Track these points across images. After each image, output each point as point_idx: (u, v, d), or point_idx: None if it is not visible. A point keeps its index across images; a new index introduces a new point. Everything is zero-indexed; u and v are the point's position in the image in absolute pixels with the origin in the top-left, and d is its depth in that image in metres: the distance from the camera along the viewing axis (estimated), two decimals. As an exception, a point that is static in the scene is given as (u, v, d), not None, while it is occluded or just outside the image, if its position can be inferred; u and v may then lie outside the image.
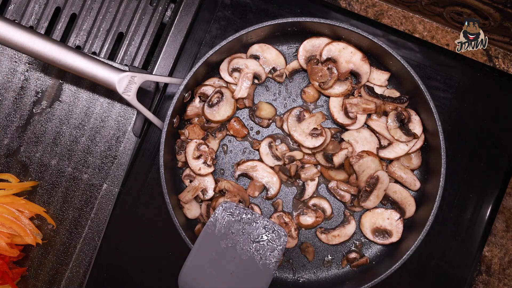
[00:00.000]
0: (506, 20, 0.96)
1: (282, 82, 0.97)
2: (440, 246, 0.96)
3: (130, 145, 1.00)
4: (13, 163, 0.99)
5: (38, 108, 1.00)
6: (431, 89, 0.96)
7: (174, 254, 0.96)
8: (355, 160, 0.92)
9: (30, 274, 0.96)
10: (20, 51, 0.84)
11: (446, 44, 1.06)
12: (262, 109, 0.95)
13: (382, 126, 0.93)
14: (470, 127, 0.98)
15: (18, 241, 0.92)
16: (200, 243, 0.77)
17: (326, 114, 0.96)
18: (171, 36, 0.99)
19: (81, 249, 0.97)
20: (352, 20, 0.99)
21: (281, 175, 0.94)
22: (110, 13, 1.03)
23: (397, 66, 0.91)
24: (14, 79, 1.00)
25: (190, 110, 0.94)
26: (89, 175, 0.99)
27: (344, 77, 0.94)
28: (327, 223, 0.95)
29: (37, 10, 1.03)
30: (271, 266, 0.77)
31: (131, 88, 0.87)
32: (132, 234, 0.96)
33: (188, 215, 0.93)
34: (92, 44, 1.03)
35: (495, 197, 0.97)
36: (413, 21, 1.07)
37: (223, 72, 0.95)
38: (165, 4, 1.04)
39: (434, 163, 0.90)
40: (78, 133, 1.00)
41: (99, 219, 0.98)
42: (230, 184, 0.92)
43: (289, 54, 0.98)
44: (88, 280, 0.95)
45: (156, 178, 0.97)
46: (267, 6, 1.00)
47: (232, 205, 0.80)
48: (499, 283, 1.03)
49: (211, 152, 0.93)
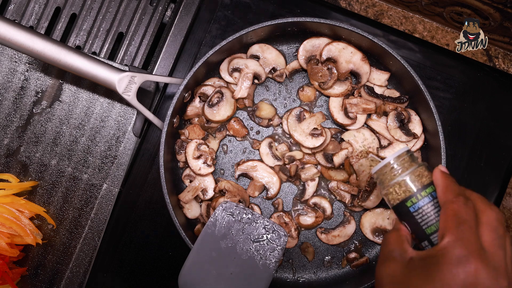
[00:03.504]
0: (506, 20, 0.96)
1: (282, 82, 0.97)
2: (440, 246, 0.96)
3: (130, 145, 1.00)
4: (13, 163, 0.99)
5: (38, 108, 1.00)
6: (431, 89, 0.96)
7: (174, 254, 0.96)
8: (355, 160, 0.92)
9: (30, 274, 0.96)
10: (20, 51, 0.84)
11: (446, 44, 1.06)
12: (262, 109, 0.95)
13: (382, 126, 0.93)
14: (470, 127, 0.98)
15: (18, 241, 0.92)
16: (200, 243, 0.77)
17: (326, 114, 0.96)
18: (171, 36, 0.99)
19: (81, 249, 0.97)
20: (352, 20, 0.99)
21: (281, 175, 0.94)
22: (110, 13, 1.03)
23: (397, 66, 0.91)
24: (14, 79, 1.00)
25: (190, 110, 0.94)
26: (89, 175, 0.99)
27: (344, 77, 0.94)
28: (327, 223, 0.95)
29: (37, 10, 1.03)
30: (271, 266, 0.77)
31: (131, 88, 0.87)
32: (132, 234, 0.96)
33: (188, 215, 0.93)
34: (92, 44, 1.03)
35: (495, 197, 0.97)
36: (413, 21, 1.07)
37: (223, 72, 0.96)
38: (165, 4, 1.04)
39: (434, 163, 0.90)
40: (78, 133, 1.00)
41: (99, 219, 0.98)
42: (230, 184, 0.92)
43: (289, 54, 0.98)
44: (88, 280, 0.95)
45: (156, 178, 0.97)
46: (267, 6, 1.00)
47: (232, 205, 0.80)
48: (499, 283, 1.03)
49: (211, 152, 0.93)
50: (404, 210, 0.64)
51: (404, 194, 0.64)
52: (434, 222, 0.62)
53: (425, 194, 0.63)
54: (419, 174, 0.64)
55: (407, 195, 0.64)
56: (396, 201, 0.65)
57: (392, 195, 0.65)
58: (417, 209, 0.63)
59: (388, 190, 0.65)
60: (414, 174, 0.64)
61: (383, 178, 0.66)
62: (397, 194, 0.64)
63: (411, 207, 0.63)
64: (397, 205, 0.65)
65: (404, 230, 0.64)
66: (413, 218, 0.63)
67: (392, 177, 0.65)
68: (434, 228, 0.62)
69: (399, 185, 0.64)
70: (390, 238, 0.64)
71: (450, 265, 0.54)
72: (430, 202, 0.62)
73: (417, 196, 0.63)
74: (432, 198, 0.63)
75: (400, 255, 0.60)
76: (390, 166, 0.65)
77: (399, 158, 0.65)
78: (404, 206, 0.64)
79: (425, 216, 0.62)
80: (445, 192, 0.60)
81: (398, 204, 0.65)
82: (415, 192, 0.63)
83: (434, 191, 0.63)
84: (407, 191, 0.64)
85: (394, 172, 0.65)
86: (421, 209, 0.63)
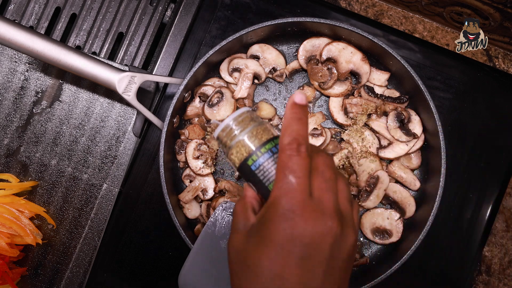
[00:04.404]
0: (506, 20, 0.96)
1: (282, 82, 0.97)
2: (440, 246, 0.96)
3: (130, 145, 1.00)
4: (13, 163, 0.99)
5: (38, 108, 1.00)
6: (431, 89, 0.96)
7: (174, 254, 0.96)
8: (355, 160, 0.92)
9: (30, 274, 0.96)
10: (20, 51, 0.84)
11: (446, 44, 1.06)
12: (262, 109, 0.95)
13: (382, 126, 0.93)
14: (470, 127, 0.98)
15: (18, 241, 0.92)
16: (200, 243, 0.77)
17: (326, 114, 0.96)
18: (171, 36, 0.99)
19: (81, 249, 0.97)
20: (352, 20, 0.99)
21: (281, 175, 0.94)
22: (110, 13, 1.03)
23: (397, 66, 0.91)
24: (14, 79, 1.00)
25: (190, 110, 0.94)
26: (89, 175, 0.99)
27: (344, 77, 0.94)
28: (327, 223, 0.95)
29: (37, 10, 1.03)
30: (271, 266, 0.76)
31: (131, 88, 0.87)
32: (132, 234, 0.96)
33: (188, 215, 0.93)
34: (92, 44, 1.03)
35: (495, 197, 0.97)
36: (413, 21, 1.07)
37: (223, 72, 0.96)
38: (165, 4, 1.04)
39: (434, 163, 0.90)
40: (78, 133, 1.00)
41: (99, 219, 0.98)
42: (230, 184, 0.92)
43: (289, 54, 0.98)
44: (88, 280, 0.95)
45: (156, 178, 0.97)
46: (267, 6, 1.00)
47: (232, 205, 0.80)
48: (499, 283, 1.03)
49: (211, 152, 0.93)
50: (247, 169, 0.62)
51: (246, 154, 0.62)
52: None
53: (265, 150, 0.61)
54: (258, 131, 0.62)
55: (247, 154, 0.62)
56: (239, 162, 0.63)
57: (234, 156, 0.63)
58: (258, 166, 0.61)
59: (230, 152, 0.64)
60: (253, 132, 0.62)
61: (225, 141, 0.64)
62: (239, 154, 0.63)
63: (252, 165, 0.61)
64: (240, 166, 0.63)
65: (249, 196, 0.63)
66: (255, 177, 0.62)
67: (232, 137, 0.63)
68: None
69: (240, 145, 0.62)
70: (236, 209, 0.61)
71: (276, 221, 0.51)
72: (271, 157, 0.61)
73: (256, 153, 0.61)
74: (272, 154, 0.61)
75: (244, 225, 0.58)
76: (230, 127, 0.63)
77: (238, 118, 0.63)
78: (246, 166, 0.62)
79: (266, 172, 0.61)
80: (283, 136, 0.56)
81: (240, 165, 0.63)
82: (254, 150, 0.61)
83: (274, 147, 0.61)
84: (247, 149, 0.62)
85: (234, 133, 0.63)
86: (262, 165, 0.61)
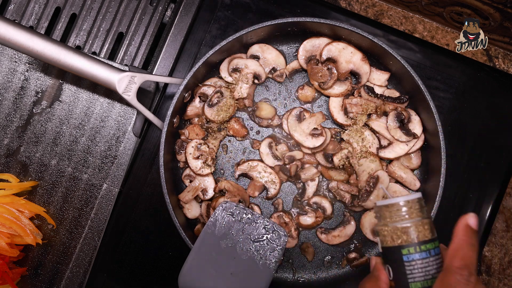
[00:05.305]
0: (506, 20, 0.96)
1: (282, 82, 0.97)
2: (440, 246, 0.96)
3: (130, 145, 1.00)
4: (13, 163, 0.99)
5: (38, 108, 1.00)
6: (431, 89, 0.96)
7: (174, 254, 0.96)
8: (355, 160, 0.92)
9: (30, 274, 0.96)
10: (20, 51, 0.84)
11: (446, 44, 1.06)
12: (262, 109, 0.95)
13: (382, 126, 0.93)
14: (470, 127, 0.98)
15: (18, 241, 0.92)
16: (200, 243, 0.77)
17: (326, 114, 0.96)
18: (171, 36, 0.99)
19: (81, 249, 0.97)
20: (352, 20, 0.99)
21: (281, 175, 0.94)
22: (110, 13, 1.03)
23: (397, 66, 0.91)
24: (14, 79, 1.00)
25: (190, 110, 0.94)
26: (89, 175, 0.99)
27: (344, 77, 0.94)
28: (327, 223, 0.95)
29: (37, 10, 1.03)
30: (271, 266, 0.77)
31: (131, 88, 0.87)
32: (132, 234, 0.96)
33: (188, 215, 0.93)
34: (92, 44, 1.03)
35: (495, 197, 0.97)
36: (413, 21, 1.07)
37: (223, 72, 0.95)
38: (165, 4, 1.04)
39: (434, 163, 0.90)
40: (78, 133, 1.00)
41: (99, 219, 0.98)
42: (230, 184, 0.92)
43: (289, 54, 0.98)
44: (88, 280, 0.95)
45: (156, 178, 0.97)
46: (267, 6, 1.00)
47: (232, 205, 0.80)
48: (499, 283, 1.03)
49: (211, 152, 0.93)
50: (396, 256, 0.61)
51: (403, 241, 0.61)
52: (422, 280, 0.60)
53: (425, 248, 0.60)
54: (425, 226, 0.61)
55: (405, 243, 0.61)
56: (391, 243, 0.62)
57: (388, 234, 0.62)
58: (411, 260, 0.60)
59: (385, 228, 0.63)
60: (421, 224, 0.61)
61: (385, 215, 0.63)
62: (395, 237, 0.62)
63: (405, 255, 0.60)
64: (389, 248, 0.62)
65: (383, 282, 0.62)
66: (402, 267, 0.61)
67: (396, 218, 0.62)
68: (419, 286, 0.60)
69: (401, 229, 0.61)
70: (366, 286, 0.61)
71: None
72: (426, 258, 0.60)
73: (415, 248, 0.60)
74: (429, 256, 0.60)
75: None
76: (399, 207, 0.63)
77: (410, 203, 0.63)
78: (397, 252, 0.61)
79: (415, 270, 0.60)
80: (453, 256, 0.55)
81: (392, 248, 0.62)
82: (415, 243, 0.60)
83: (434, 249, 0.60)
84: (408, 238, 0.61)
85: (400, 214, 0.62)
86: (415, 261, 0.60)
